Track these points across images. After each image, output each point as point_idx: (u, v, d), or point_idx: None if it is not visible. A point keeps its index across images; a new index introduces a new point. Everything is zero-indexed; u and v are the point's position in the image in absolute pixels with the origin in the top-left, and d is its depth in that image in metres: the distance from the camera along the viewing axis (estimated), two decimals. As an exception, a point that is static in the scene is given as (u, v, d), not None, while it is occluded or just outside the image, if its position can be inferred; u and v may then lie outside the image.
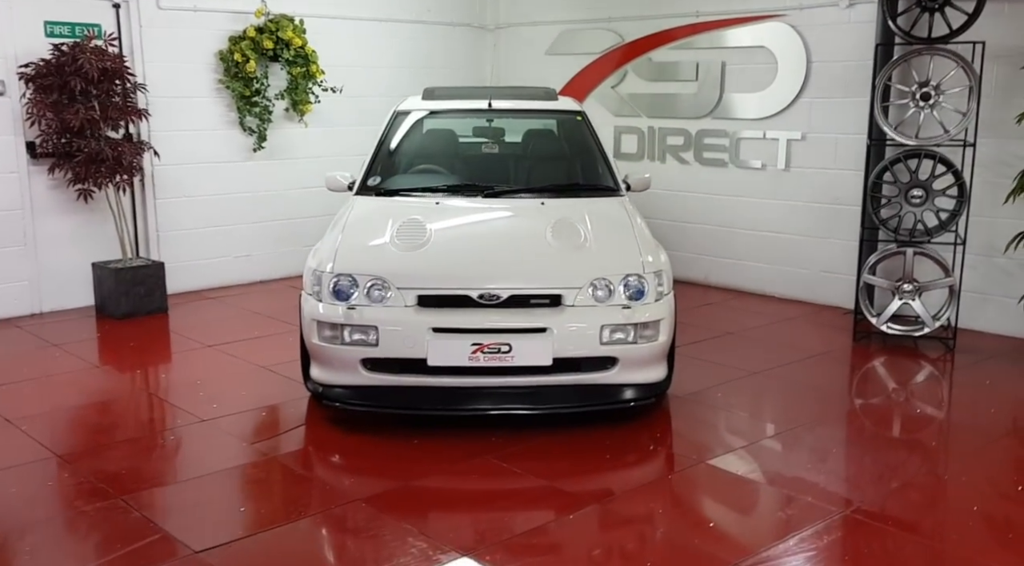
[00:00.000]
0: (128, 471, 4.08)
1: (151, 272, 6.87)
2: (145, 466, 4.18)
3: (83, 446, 4.43)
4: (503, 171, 5.88)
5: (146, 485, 3.95)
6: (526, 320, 4.43)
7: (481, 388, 4.52)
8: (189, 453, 4.36)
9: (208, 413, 4.81)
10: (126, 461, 4.20)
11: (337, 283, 4.54)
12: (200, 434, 4.55)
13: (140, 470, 4.12)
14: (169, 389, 5.27)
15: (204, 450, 4.39)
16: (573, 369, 4.52)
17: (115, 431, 4.59)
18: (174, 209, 7.47)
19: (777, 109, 7.31)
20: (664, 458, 4.41)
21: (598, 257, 4.67)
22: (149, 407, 4.99)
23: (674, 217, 8.07)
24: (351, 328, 4.46)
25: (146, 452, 4.34)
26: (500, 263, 4.63)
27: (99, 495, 3.83)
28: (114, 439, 4.47)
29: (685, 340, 6.02)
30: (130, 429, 4.62)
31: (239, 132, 7.71)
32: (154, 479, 4.05)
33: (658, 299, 4.61)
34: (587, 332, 4.44)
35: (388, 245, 4.70)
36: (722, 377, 5.46)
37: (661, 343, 4.60)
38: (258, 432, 4.59)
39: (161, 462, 4.28)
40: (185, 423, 4.68)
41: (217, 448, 4.39)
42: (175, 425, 4.67)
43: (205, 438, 4.51)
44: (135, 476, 4.03)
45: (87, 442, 4.50)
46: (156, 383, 5.36)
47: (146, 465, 4.20)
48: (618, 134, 8.38)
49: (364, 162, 5.73)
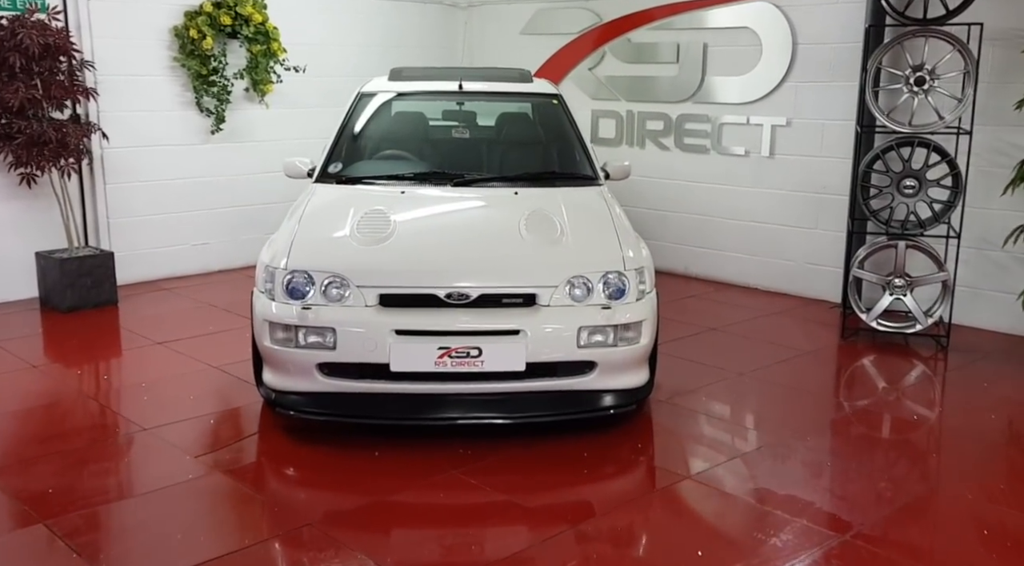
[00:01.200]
0: (56, 490, 3.70)
1: (99, 262, 6.44)
2: (76, 484, 3.79)
3: (7, 459, 4.03)
4: (474, 158, 5.51)
5: (75, 507, 3.56)
6: (498, 321, 4.09)
7: (448, 395, 4.17)
8: (127, 468, 3.98)
9: (152, 420, 4.43)
10: (54, 478, 3.81)
11: (291, 280, 4.17)
12: (141, 445, 4.17)
13: (70, 489, 3.73)
14: (111, 392, 4.87)
15: (144, 464, 4.01)
16: (548, 374, 4.18)
17: (45, 442, 4.19)
18: (126, 195, 7.03)
19: (761, 93, 6.98)
20: (646, 472, 4.09)
21: (575, 253, 4.33)
22: (86, 414, 4.59)
23: (653, 205, 7.74)
24: (306, 330, 4.10)
25: (78, 467, 3.95)
26: (470, 259, 4.27)
27: (20, 519, 3.46)
28: (43, 452, 4.07)
29: (666, 337, 5.70)
30: (63, 440, 4.22)
31: (196, 113, 7.27)
32: (85, 499, 3.65)
33: (639, 298, 4.28)
34: (563, 334, 4.10)
35: (348, 239, 4.33)
36: (706, 379, 5.15)
37: (643, 346, 4.27)
38: (205, 443, 4.22)
39: (95, 479, 3.88)
40: (126, 432, 4.29)
41: (158, 462, 4.02)
42: (114, 435, 4.29)
43: (146, 450, 4.13)
44: (63, 496, 3.65)
45: (12, 455, 4.09)
46: (97, 385, 4.97)
47: (77, 483, 3.81)
48: (596, 118, 8.02)
49: (325, 147, 5.36)
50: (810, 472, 4.04)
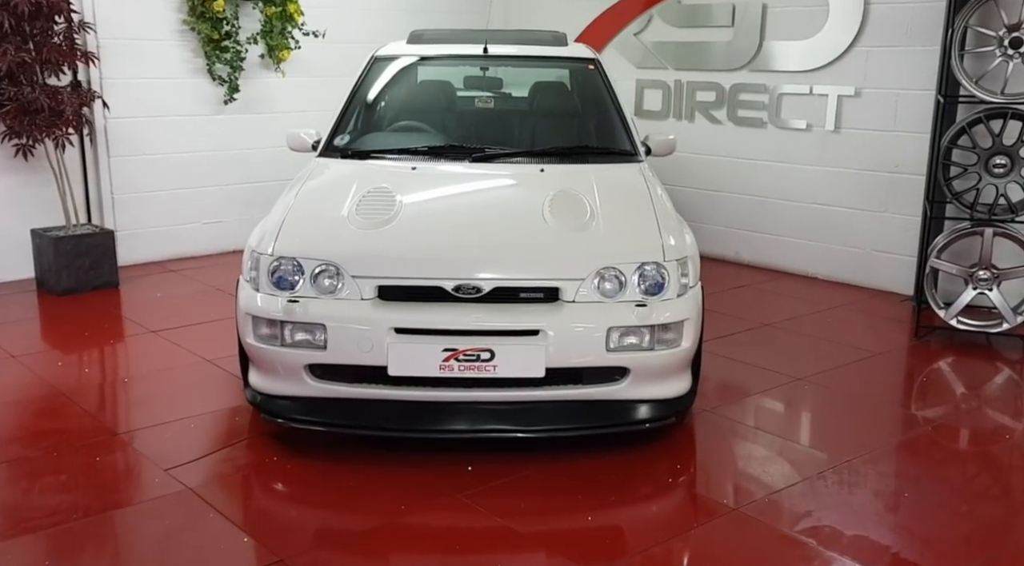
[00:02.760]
0: (1, 509, 3.21)
1: (98, 241, 5.96)
2: (24, 502, 3.29)
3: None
4: (497, 130, 4.90)
5: (22, 530, 3.06)
6: (513, 320, 3.49)
7: (456, 403, 3.59)
8: (85, 483, 3.45)
9: (125, 424, 3.94)
10: (1, 493, 3.33)
11: (278, 268, 3.62)
12: (107, 454, 3.65)
13: (16, 509, 3.23)
14: (88, 389, 4.37)
15: (106, 479, 3.49)
16: (572, 381, 3.59)
17: (1, 448, 3.71)
18: (132, 169, 6.54)
19: (827, 59, 6.23)
20: (685, 501, 3.47)
21: (607, 240, 3.71)
22: (54, 414, 4.08)
23: (701, 184, 7.05)
24: (293, 326, 3.54)
25: (26, 481, 3.44)
26: (483, 246, 3.67)
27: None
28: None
29: (712, 333, 5.05)
30: (19, 444, 3.72)
31: (207, 81, 6.75)
32: (31, 522, 3.15)
33: (681, 294, 3.65)
34: (590, 335, 3.49)
35: (345, 221, 3.76)
36: (758, 384, 4.50)
37: (684, 350, 3.65)
38: (182, 452, 3.69)
39: (46, 496, 3.36)
40: (93, 438, 3.79)
41: (124, 476, 3.50)
42: (79, 441, 3.77)
43: (113, 460, 3.62)
44: (10, 517, 3.15)
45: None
46: (74, 381, 4.46)
47: (25, 501, 3.30)
48: (640, 89, 7.33)
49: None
50: (883, 504, 3.38)
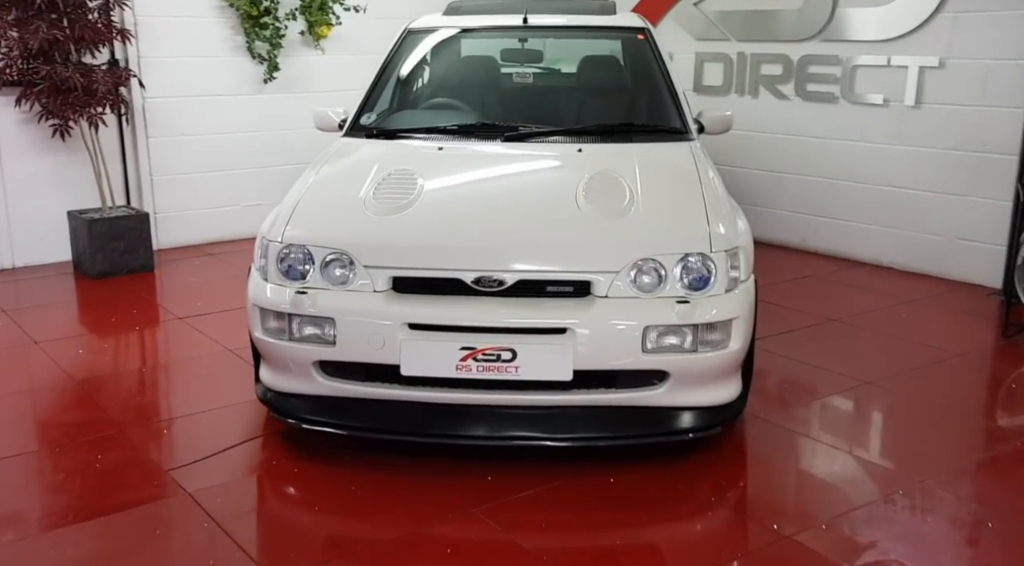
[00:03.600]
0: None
1: (132, 224, 5.80)
2: (10, 504, 3.09)
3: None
4: (534, 107, 4.54)
5: (5, 538, 2.86)
6: (538, 316, 3.14)
7: (475, 407, 3.27)
8: (81, 484, 3.23)
9: (132, 418, 3.71)
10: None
11: (287, 257, 3.34)
12: (111, 451, 3.43)
13: (4, 513, 3.04)
14: (102, 379, 4.17)
15: (102, 480, 3.25)
16: (604, 385, 3.23)
17: (2, 442, 3.52)
18: (170, 150, 6.37)
19: (907, 27, 5.68)
20: (730, 526, 3.07)
21: (646, 227, 3.33)
22: (63, 406, 3.90)
23: (765, 165, 6.58)
24: (301, 319, 3.26)
25: (23, 479, 3.24)
26: (506, 235, 3.32)
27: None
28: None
29: (772, 328, 4.65)
30: (21, 440, 3.52)
31: (247, 59, 6.52)
32: (17, 528, 2.96)
33: (730, 289, 3.26)
34: (624, 335, 3.12)
35: (361, 207, 3.45)
36: (820, 388, 4.07)
37: (732, 352, 3.25)
38: (188, 450, 3.46)
39: (37, 498, 3.16)
40: (100, 433, 3.56)
41: (122, 476, 3.26)
42: (82, 437, 3.55)
43: (115, 459, 3.38)
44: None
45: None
46: (90, 369, 4.27)
47: (11, 503, 3.10)
48: (700, 63, 6.87)
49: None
50: (962, 536, 2.95)
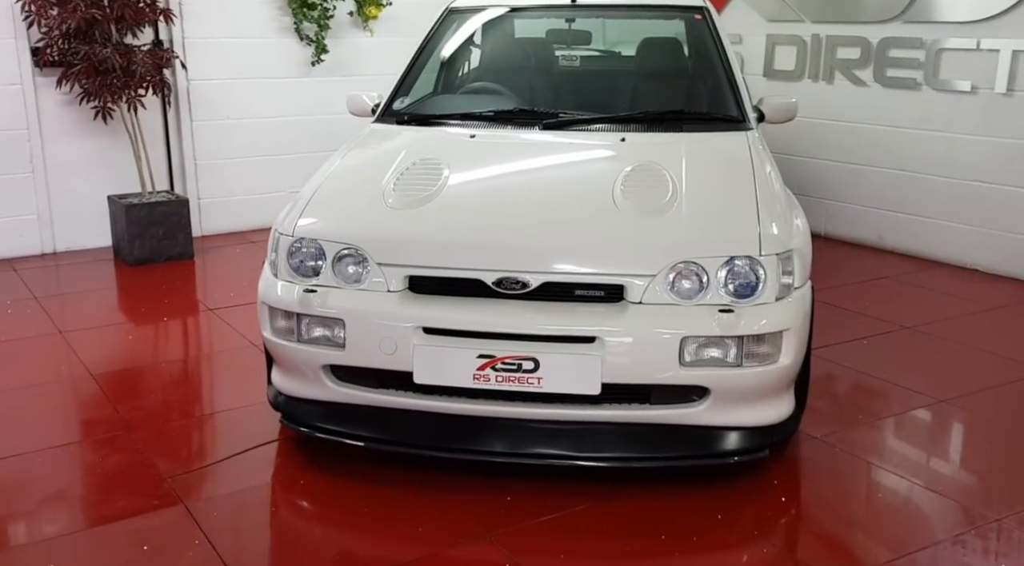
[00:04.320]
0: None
1: (172, 210, 5.65)
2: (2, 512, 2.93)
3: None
4: (578, 92, 4.21)
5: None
6: (564, 323, 2.84)
7: (494, 420, 2.98)
8: (78, 490, 3.04)
9: (142, 417, 3.52)
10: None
11: (297, 251, 3.10)
12: (115, 454, 3.23)
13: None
14: (119, 375, 3.99)
15: (101, 486, 3.05)
16: (637, 399, 2.92)
17: (2, 442, 3.37)
18: (214, 134, 6.22)
19: (1000, 7, 5.16)
20: (778, 561, 2.72)
21: (688, 227, 2.98)
22: (73, 402, 3.72)
23: (840, 156, 6.12)
24: (310, 319, 3.02)
25: (18, 484, 3.05)
26: (533, 232, 3.01)
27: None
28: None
29: (838, 335, 4.27)
30: (24, 439, 3.34)
31: (295, 41, 6.33)
32: (3, 533, 2.79)
33: (782, 297, 2.90)
34: (660, 346, 2.79)
35: (380, 198, 3.19)
36: (888, 405, 3.67)
37: (783, 367, 2.89)
38: (194, 455, 3.26)
39: (31, 504, 2.96)
40: (107, 433, 3.38)
41: (121, 483, 3.06)
42: (90, 436, 3.38)
43: (117, 463, 3.18)
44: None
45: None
46: (108, 362, 4.10)
47: (2, 507, 2.94)
48: (771, 46, 6.42)
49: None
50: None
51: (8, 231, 5.65)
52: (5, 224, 5.64)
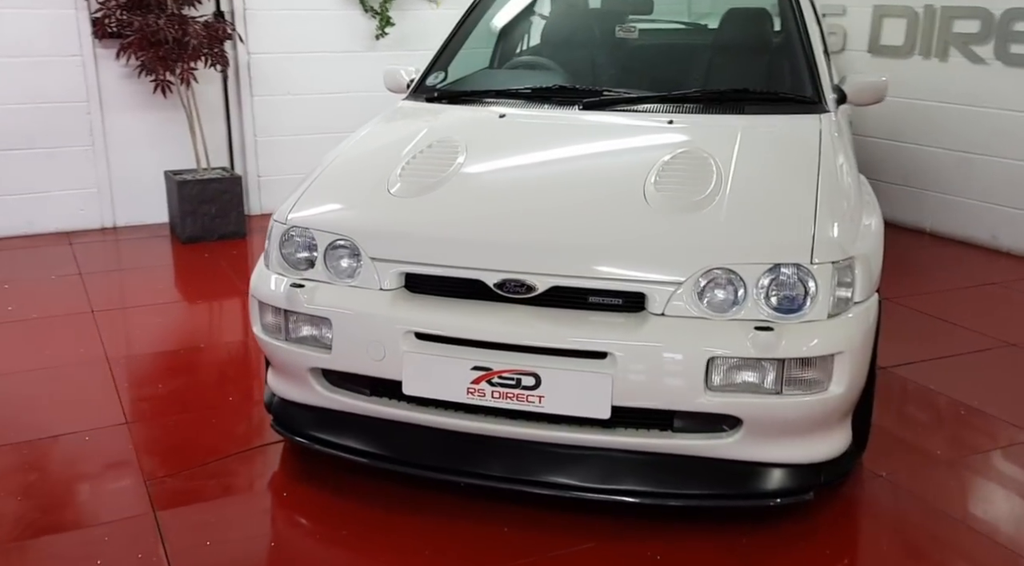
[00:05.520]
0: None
1: (225, 187, 5.48)
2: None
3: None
4: (631, 68, 3.78)
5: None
6: (572, 334, 2.44)
7: (493, 439, 2.62)
8: (49, 489, 2.80)
9: (146, 408, 3.31)
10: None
11: (289, 240, 2.80)
12: (99, 450, 3.02)
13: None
14: (136, 358, 3.80)
15: (74, 486, 2.82)
16: (658, 424, 2.51)
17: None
18: (275, 109, 6.02)
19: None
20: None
21: (727, 226, 2.53)
22: (80, 389, 3.47)
23: (952, 144, 5.45)
24: (297, 317, 2.72)
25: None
26: (544, 228, 2.62)
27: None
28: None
29: (926, 351, 3.75)
30: (11, 429, 3.16)
31: (359, 14, 6.05)
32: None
33: (836, 313, 2.43)
34: (682, 366, 2.37)
35: (384, 184, 2.85)
36: (978, 441, 3.12)
37: (833, 397, 2.43)
38: (183, 454, 3.01)
39: (3, 503, 2.81)
40: (100, 425, 3.17)
41: (97, 484, 2.84)
42: (81, 427, 3.15)
43: (98, 460, 2.96)
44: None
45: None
46: (129, 345, 3.92)
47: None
48: (878, 18, 5.77)
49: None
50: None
51: (68, 204, 5.60)
52: (65, 197, 5.59)
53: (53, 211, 5.55)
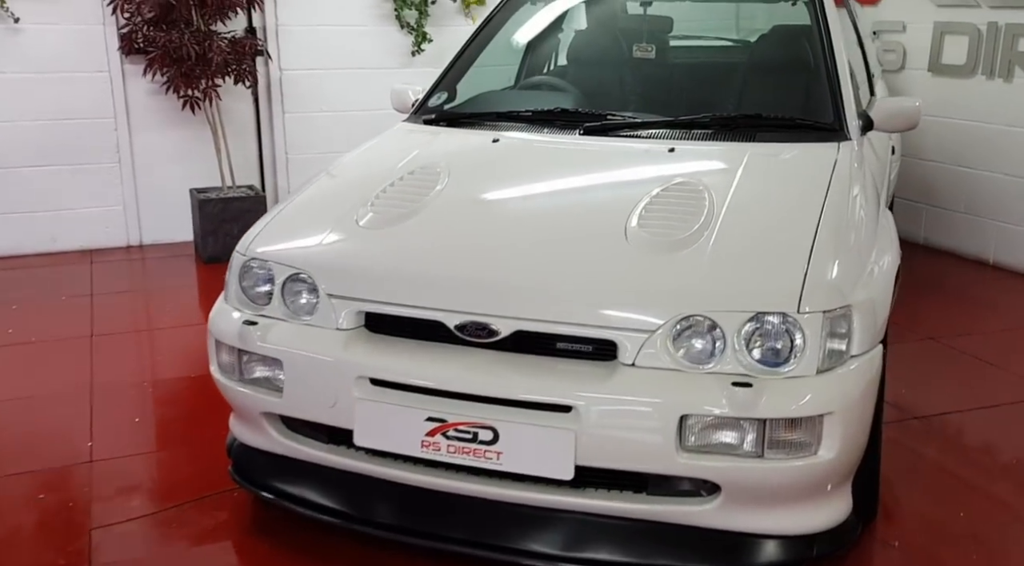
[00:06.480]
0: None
1: (247, 206, 5.38)
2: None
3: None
4: (640, 90, 3.53)
5: None
6: (533, 385, 2.21)
7: (455, 496, 2.40)
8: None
9: (116, 444, 3.16)
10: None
11: (248, 272, 2.64)
12: (50, 490, 2.85)
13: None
14: (123, 387, 3.65)
15: (9, 534, 2.70)
16: (631, 487, 2.27)
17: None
18: (307, 126, 5.93)
19: None
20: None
21: (710, 268, 2.27)
22: (48, 419, 3.36)
23: (1017, 171, 5.03)
24: (249, 357, 2.55)
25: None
26: (510, 267, 2.39)
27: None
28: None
29: (965, 399, 3.41)
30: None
31: (395, 29, 5.93)
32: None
33: (828, 368, 2.15)
34: (652, 424, 2.12)
35: (352, 214, 2.67)
36: (1008, 507, 2.80)
37: (823, 463, 2.14)
38: (136, 499, 2.82)
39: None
40: (58, 463, 3.00)
41: (38, 530, 2.67)
42: (38, 465, 2.99)
43: (45, 501, 2.80)
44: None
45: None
46: (118, 373, 3.70)
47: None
48: (939, 35, 5.38)
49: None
50: None
51: (94, 222, 5.58)
52: (91, 215, 5.57)
53: (78, 228, 5.54)
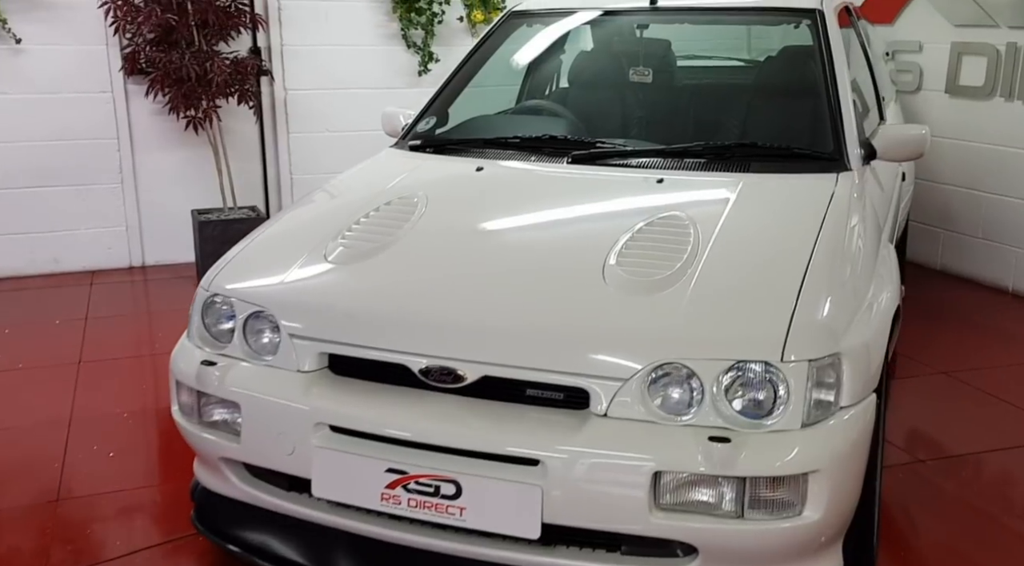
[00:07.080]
0: None
1: (247, 228, 5.11)
2: None
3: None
4: (639, 117, 3.36)
5: None
6: (498, 436, 2.08)
7: (420, 551, 2.26)
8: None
9: (88, 481, 3.06)
10: None
11: (210, 308, 2.54)
12: (11, 530, 2.76)
13: None
14: (102, 418, 3.52)
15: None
16: (602, 544, 2.12)
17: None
18: (312, 147, 5.85)
19: None
20: None
21: (689, 312, 2.12)
22: (20, 454, 3.26)
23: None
24: (208, 399, 2.43)
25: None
26: (478, 308, 2.26)
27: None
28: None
29: (988, 440, 3.27)
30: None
31: (402, 49, 5.84)
32: None
33: (814, 421, 1.99)
34: (624, 480, 1.98)
35: (320, 248, 2.55)
36: (1013, 552, 2.62)
37: (809, 524, 1.98)
38: (105, 541, 2.73)
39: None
40: (27, 501, 2.92)
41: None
42: (10, 503, 2.93)
43: (8, 545, 2.72)
44: None
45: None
46: (100, 404, 3.60)
47: None
48: (956, 56, 5.19)
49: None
50: None
51: (96, 243, 5.52)
52: (93, 235, 5.52)
53: (80, 249, 5.49)
